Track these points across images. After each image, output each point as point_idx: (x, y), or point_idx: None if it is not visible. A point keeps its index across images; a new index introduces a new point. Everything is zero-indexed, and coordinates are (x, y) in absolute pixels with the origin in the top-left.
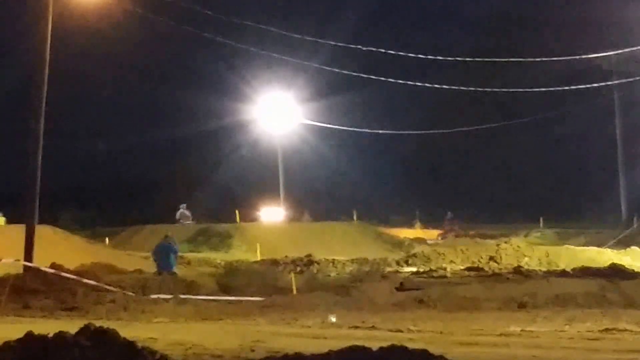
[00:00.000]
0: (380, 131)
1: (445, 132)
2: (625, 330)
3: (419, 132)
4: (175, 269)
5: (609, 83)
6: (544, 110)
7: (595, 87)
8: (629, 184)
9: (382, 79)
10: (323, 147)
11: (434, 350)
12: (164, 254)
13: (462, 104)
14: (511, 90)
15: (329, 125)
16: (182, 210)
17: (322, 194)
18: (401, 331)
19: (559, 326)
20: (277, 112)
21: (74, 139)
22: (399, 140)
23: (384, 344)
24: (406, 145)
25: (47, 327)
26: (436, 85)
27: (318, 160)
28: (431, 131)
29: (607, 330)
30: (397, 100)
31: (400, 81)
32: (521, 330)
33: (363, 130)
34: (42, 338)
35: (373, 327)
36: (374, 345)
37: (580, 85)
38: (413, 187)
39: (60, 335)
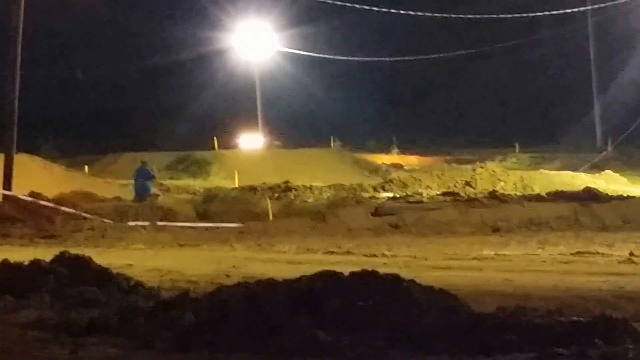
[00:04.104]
0: (357, 58)
1: (421, 59)
2: (597, 253)
3: (394, 59)
4: (153, 191)
5: (583, 9)
6: (519, 36)
7: (570, 12)
8: (603, 109)
9: (358, 6)
10: (300, 74)
11: (406, 274)
12: (141, 180)
13: (438, 31)
14: (486, 16)
15: (306, 53)
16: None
17: (300, 121)
18: (376, 256)
19: (532, 249)
20: (254, 40)
21: (52, 68)
22: (375, 67)
23: (358, 269)
24: (382, 73)
25: (25, 254)
26: (410, 12)
27: (295, 88)
28: (407, 58)
29: (579, 253)
30: (373, 28)
31: (375, 8)
32: (494, 254)
33: (339, 57)
34: (18, 266)
35: (348, 252)
36: (348, 270)
37: (555, 11)
38: (390, 114)
39: (35, 263)
